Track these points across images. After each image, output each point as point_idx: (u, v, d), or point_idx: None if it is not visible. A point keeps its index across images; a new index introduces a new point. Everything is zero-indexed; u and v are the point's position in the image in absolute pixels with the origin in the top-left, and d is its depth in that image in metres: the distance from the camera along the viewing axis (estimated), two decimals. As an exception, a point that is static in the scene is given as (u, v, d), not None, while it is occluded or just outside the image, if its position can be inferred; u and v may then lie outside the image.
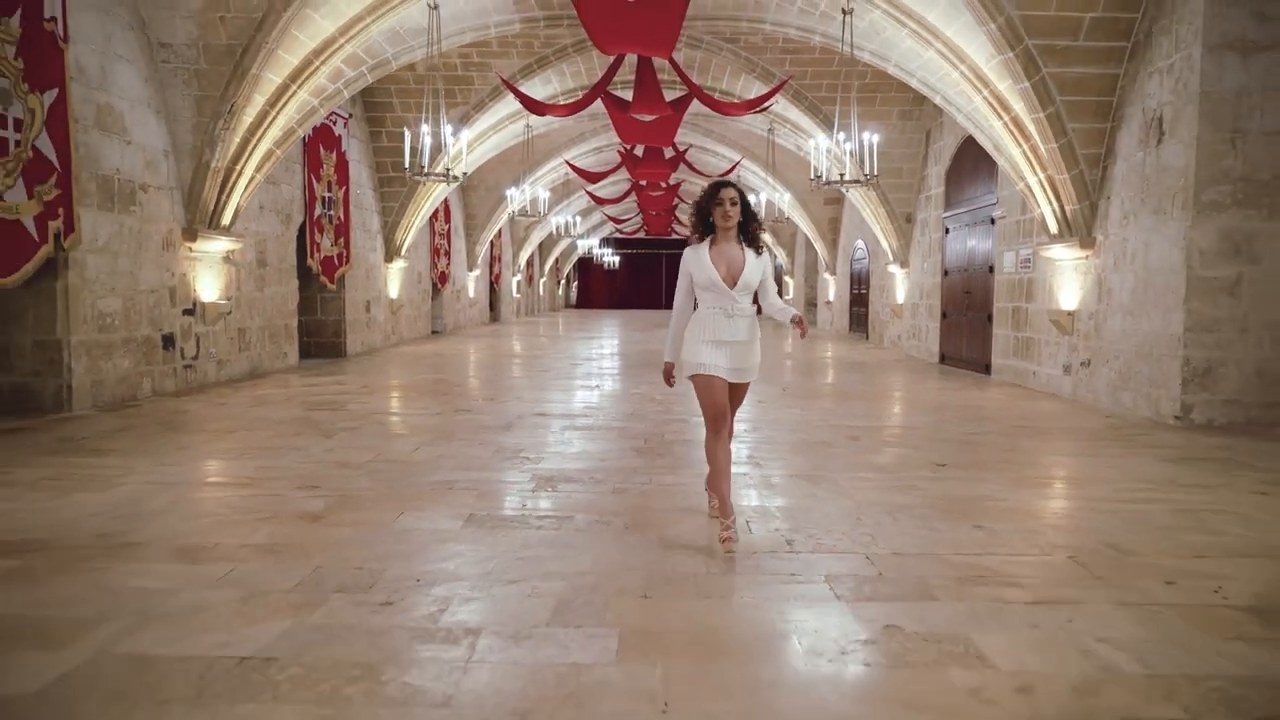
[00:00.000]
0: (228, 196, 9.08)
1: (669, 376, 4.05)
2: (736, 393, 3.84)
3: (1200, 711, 2.26)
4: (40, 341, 7.15)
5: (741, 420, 7.13)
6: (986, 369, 11.39)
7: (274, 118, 9.05)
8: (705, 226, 3.77)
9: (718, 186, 3.74)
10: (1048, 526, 4.05)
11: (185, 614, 2.84)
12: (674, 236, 35.54)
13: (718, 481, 3.74)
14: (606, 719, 2.19)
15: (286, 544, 3.63)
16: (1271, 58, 6.91)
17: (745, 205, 3.75)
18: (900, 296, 15.32)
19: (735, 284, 3.68)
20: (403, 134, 11.89)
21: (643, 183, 21.08)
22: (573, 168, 18.99)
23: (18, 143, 6.53)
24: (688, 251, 3.83)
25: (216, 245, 9.19)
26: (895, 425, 7.36)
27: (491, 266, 24.97)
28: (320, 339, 13.32)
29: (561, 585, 3.15)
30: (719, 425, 3.70)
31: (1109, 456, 5.85)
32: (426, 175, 9.97)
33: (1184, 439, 6.52)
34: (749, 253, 3.73)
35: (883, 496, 4.57)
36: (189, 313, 8.98)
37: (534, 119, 14.89)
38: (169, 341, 8.65)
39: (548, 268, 36.10)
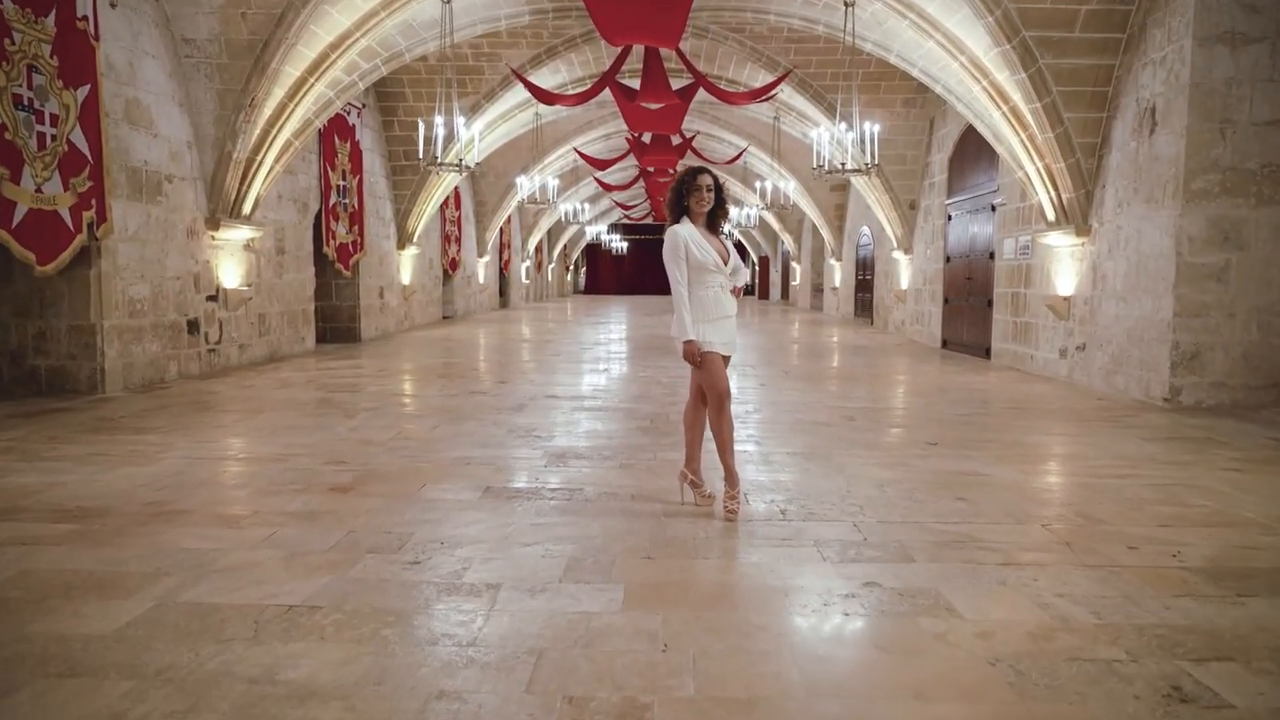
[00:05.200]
0: (248, 186, 9.40)
1: (695, 355, 3.87)
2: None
3: (1140, 653, 2.55)
4: (75, 326, 7.50)
5: (745, 402, 7.43)
6: (987, 353, 11.63)
7: (292, 110, 9.35)
8: (679, 209, 3.91)
9: (695, 172, 3.92)
10: (1025, 499, 4.34)
11: (236, 570, 3.16)
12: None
13: (724, 454, 3.99)
14: (612, 656, 2.49)
15: (321, 511, 3.95)
16: (1260, 50, 7.11)
17: (719, 192, 3.94)
18: (904, 282, 15.54)
19: (726, 264, 3.96)
20: (415, 124, 12.16)
21: (650, 169, 21.30)
22: (581, 155, 19.23)
23: (54, 137, 6.85)
24: (681, 230, 3.86)
25: (238, 234, 9.51)
26: (892, 407, 7.64)
27: (501, 253, 25.26)
28: (336, 324, 13.67)
29: (572, 548, 3.46)
30: (728, 400, 3.97)
31: (1094, 436, 6.13)
32: (441, 166, 10.27)
33: (1169, 420, 6.77)
34: (722, 237, 4.05)
35: (873, 472, 4.87)
36: (212, 299, 9.32)
37: (543, 107, 15.12)
38: (194, 326, 8.99)
39: (556, 254, 36.38)
